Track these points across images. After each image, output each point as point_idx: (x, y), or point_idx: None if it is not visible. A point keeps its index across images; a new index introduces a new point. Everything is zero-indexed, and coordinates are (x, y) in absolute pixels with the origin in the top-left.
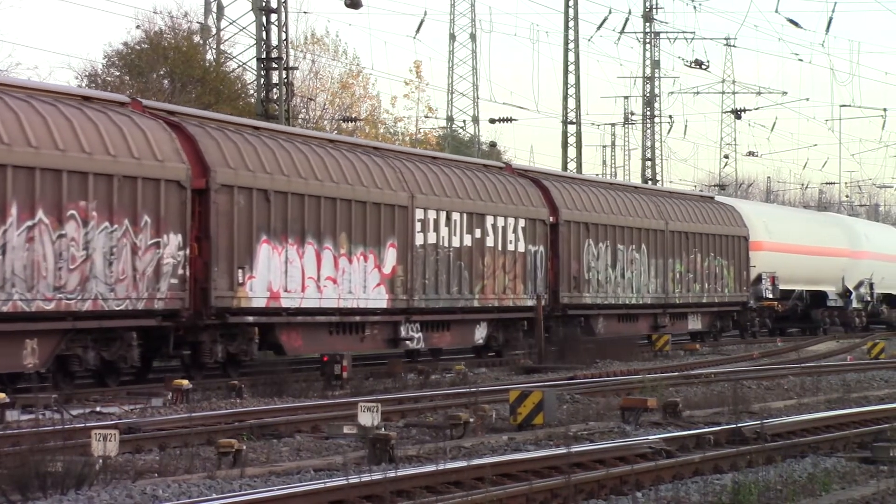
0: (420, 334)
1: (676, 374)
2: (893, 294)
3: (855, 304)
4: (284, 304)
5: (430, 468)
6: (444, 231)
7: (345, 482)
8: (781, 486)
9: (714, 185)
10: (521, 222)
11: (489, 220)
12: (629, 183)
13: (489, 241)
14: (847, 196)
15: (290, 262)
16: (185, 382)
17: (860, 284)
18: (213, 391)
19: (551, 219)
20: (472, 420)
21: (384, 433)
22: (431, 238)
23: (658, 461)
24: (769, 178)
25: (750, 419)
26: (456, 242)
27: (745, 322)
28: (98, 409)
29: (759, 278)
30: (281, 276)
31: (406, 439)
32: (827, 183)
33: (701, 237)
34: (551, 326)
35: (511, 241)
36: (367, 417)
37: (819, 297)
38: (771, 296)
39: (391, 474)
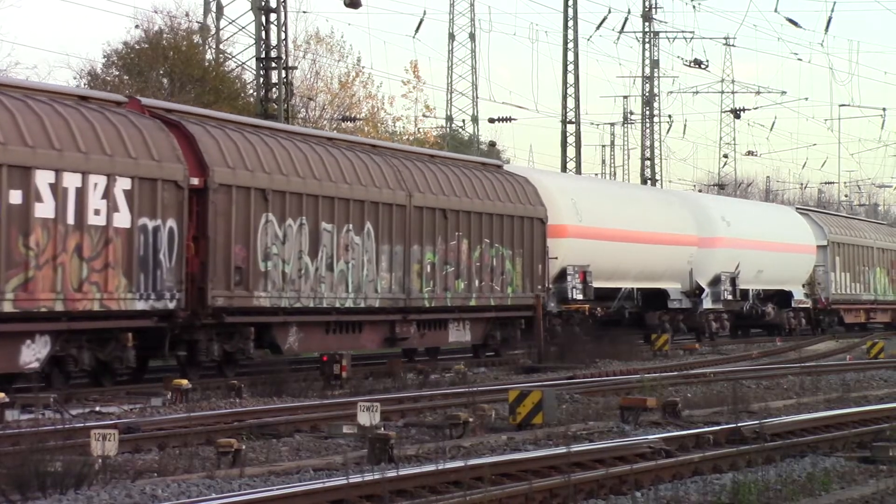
0: None
1: (676, 373)
2: (786, 290)
3: (708, 305)
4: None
5: (430, 468)
6: None
7: (344, 482)
8: (781, 486)
9: (713, 185)
10: (125, 182)
11: (45, 177)
12: (354, 138)
13: (46, 211)
14: (846, 196)
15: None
16: (185, 382)
17: (717, 280)
18: (212, 391)
19: (194, 180)
20: (471, 420)
21: (383, 433)
22: None
23: (657, 461)
24: (768, 177)
25: (749, 419)
26: None
27: (541, 331)
28: (97, 408)
29: (563, 274)
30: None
31: (405, 439)
32: (826, 182)
33: (469, 217)
34: (199, 341)
35: (99, 212)
36: (367, 417)
37: (657, 297)
38: (581, 296)
39: (391, 474)
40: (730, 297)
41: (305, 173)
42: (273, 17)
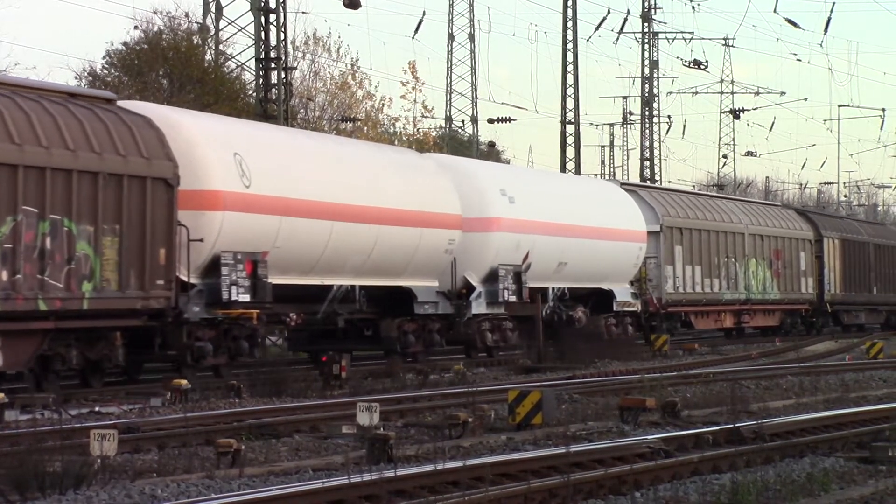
0: None
1: (675, 373)
2: (605, 289)
3: (481, 309)
4: None
5: (429, 468)
6: None
7: (344, 482)
8: (780, 486)
9: (713, 185)
10: None
11: None
12: None
13: None
14: (845, 196)
15: None
16: (184, 382)
17: (494, 275)
18: (211, 391)
19: None
20: (470, 420)
21: (383, 433)
22: None
23: (657, 461)
24: (768, 177)
25: (748, 419)
26: None
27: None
28: (97, 408)
29: (216, 263)
30: None
31: (405, 439)
32: (825, 183)
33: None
34: None
35: None
36: (366, 417)
37: (399, 299)
38: (247, 297)
39: (390, 474)
40: (513, 298)
41: None
42: (272, 17)
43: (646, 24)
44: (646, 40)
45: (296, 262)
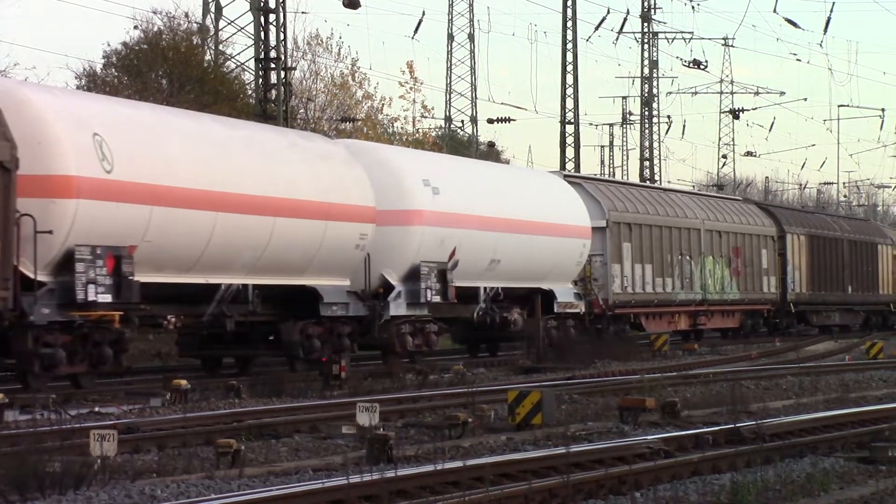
0: None
1: (675, 374)
2: (545, 289)
3: (400, 310)
4: None
5: (429, 468)
6: None
7: (343, 482)
8: (780, 486)
9: (713, 185)
10: None
11: None
12: None
13: None
14: (845, 196)
15: None
16: (184, 383)
17: (416, 273)
18: (211, 391)
19: None
20: (470, 420)
21: (382, 433)
22: None
23: (656, 461)
24: (767, 177)
25: (748, 419)
26: None
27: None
28: (96, 409)
29: (70, 257)
30: None
31: (404, 439)
32: (825, 183)
33: None
34: None
35: None
36: (366, 417)
37: (302, 299)
38: (109, 297)
39: (390, 474)
40: (438, 299)
41: None
42: (272, 17)
43: (645, 24)
44: (645, 40)
45: (172, 257)
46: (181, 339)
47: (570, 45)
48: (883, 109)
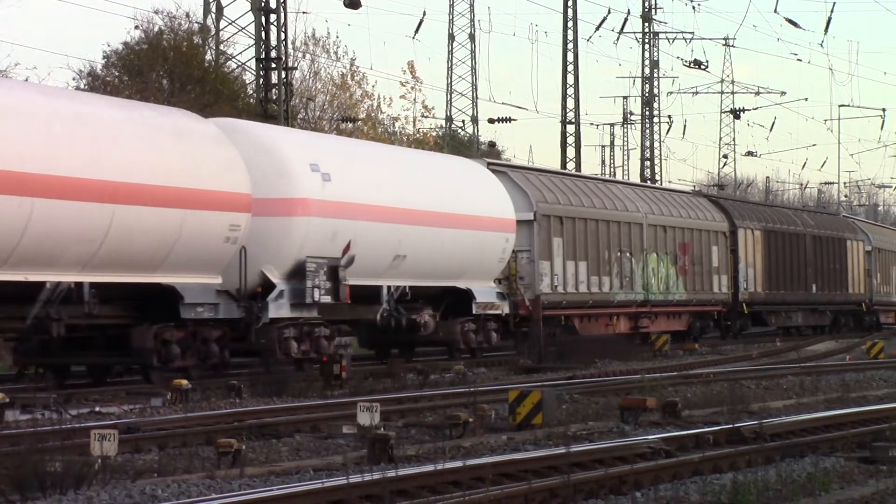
0: None
1: (675, 373)
2: (461, 288)
3: (283, 312)
4: None
5: (430, 468)
6: None
7: (344, 482)
8: (780, 486)
9: (713, 185)
10: None
11: None
12: None
13: None
14: (846, 196)
15: None
16: (185, 382)
17: (301, 269)
18: (212, 391)
19: None
20: (471, 420)
21: (383, 433)
22: None
23: (657, 461)
24: (768, 177)
25: (749, 419)
26: None
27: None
28: (97, 408)
29: None
30: None
31: (405, 439)
32: (826, 183)
33: None
34: None
35: None
36: (367, 417)
37: (160, 300)
38: None
39: (390, 474)
40: (328, 299)
41: None
42: (273, 17)
43: (646, 24)
44: (646, 40)
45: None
46: (18, 345)
47: (570, 45)
48: (884, 109)
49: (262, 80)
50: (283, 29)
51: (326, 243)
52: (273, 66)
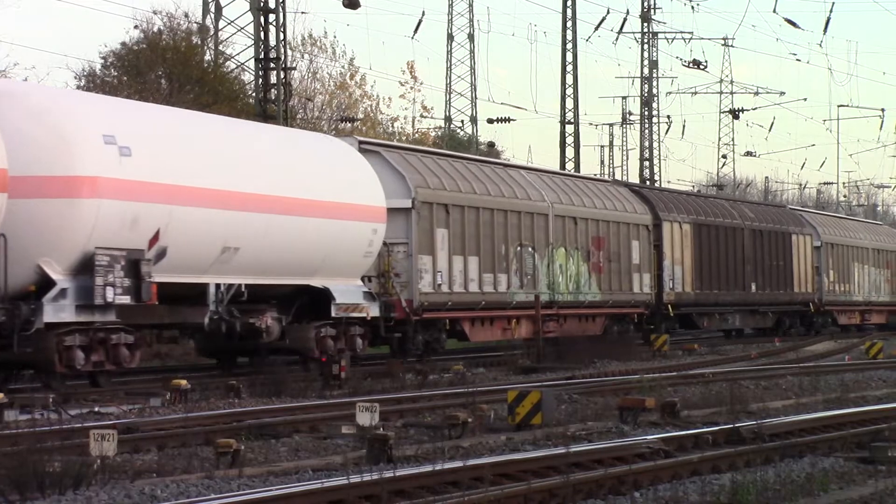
0: None
1: (674, 373)
2: (317, 287)
3: (65, 315)
4: None
5: (429, 468)
6: None
7: (343, 482)
8: (779, 486)
9: (712, 185)
10: None
11: None
12: None
13: None
14: (845, 196)
15: None
16: (184, 383)
17: (90, 263)
18: (211, 391)
19: None
20: (470, 420)
21: (382, 433)
22: None
23: (656, 461)
24: (767, 177)
25: (748, 419)
26: None
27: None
28: (96, 408)
29: None
30: None
31: (404, 439)
32: (825, 183)
33: None
34: None
35: None
36: (366, 417)
37: None
38: None
39: (389, 474)
40: (127, 299)
41: None
42: (272, 17)
43: (645, 24)
44: (645, 40)
45: None
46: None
47: (569, 45)
48: (883, 109)
49: (260, 80)
50: (282, 29)
51: (124, 232)
52: (272, 66)
